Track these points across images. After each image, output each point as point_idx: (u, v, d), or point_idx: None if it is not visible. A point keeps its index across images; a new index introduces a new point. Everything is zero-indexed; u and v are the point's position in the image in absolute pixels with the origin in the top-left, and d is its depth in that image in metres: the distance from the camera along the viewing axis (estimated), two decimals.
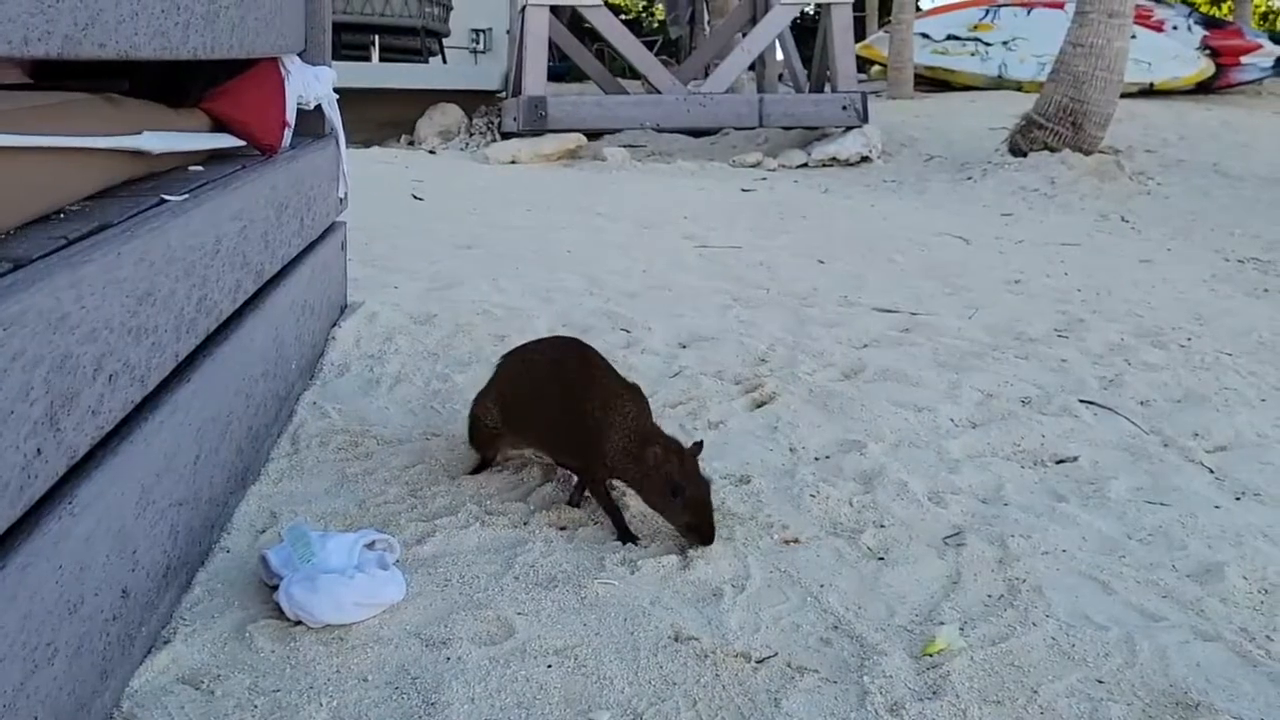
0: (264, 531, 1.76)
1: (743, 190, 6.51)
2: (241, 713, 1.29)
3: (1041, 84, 7.81)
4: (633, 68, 9.08)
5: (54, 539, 1.10)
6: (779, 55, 10.14)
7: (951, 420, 2.41)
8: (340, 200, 2.86)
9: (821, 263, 4.22)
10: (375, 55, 10.29)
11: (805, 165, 7.90)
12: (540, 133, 7.83)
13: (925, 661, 1.46)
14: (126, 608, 1.31)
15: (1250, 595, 1.69)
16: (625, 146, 7.97)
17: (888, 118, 9.19)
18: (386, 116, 9.32)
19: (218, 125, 2.14)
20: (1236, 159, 7.94)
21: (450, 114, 9.28)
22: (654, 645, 1.47)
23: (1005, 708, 1.36)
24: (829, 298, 3.56)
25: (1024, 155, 7.18)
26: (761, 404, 2.45)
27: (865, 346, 2.96)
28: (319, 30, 2.74)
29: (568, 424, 1.86)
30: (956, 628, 1.54)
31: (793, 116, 8.36)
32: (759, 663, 1.44)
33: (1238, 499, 2.07)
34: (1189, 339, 3.21)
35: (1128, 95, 8.27)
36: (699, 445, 1.81)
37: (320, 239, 2.64)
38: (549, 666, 1.41)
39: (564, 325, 2.98)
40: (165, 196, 1.64)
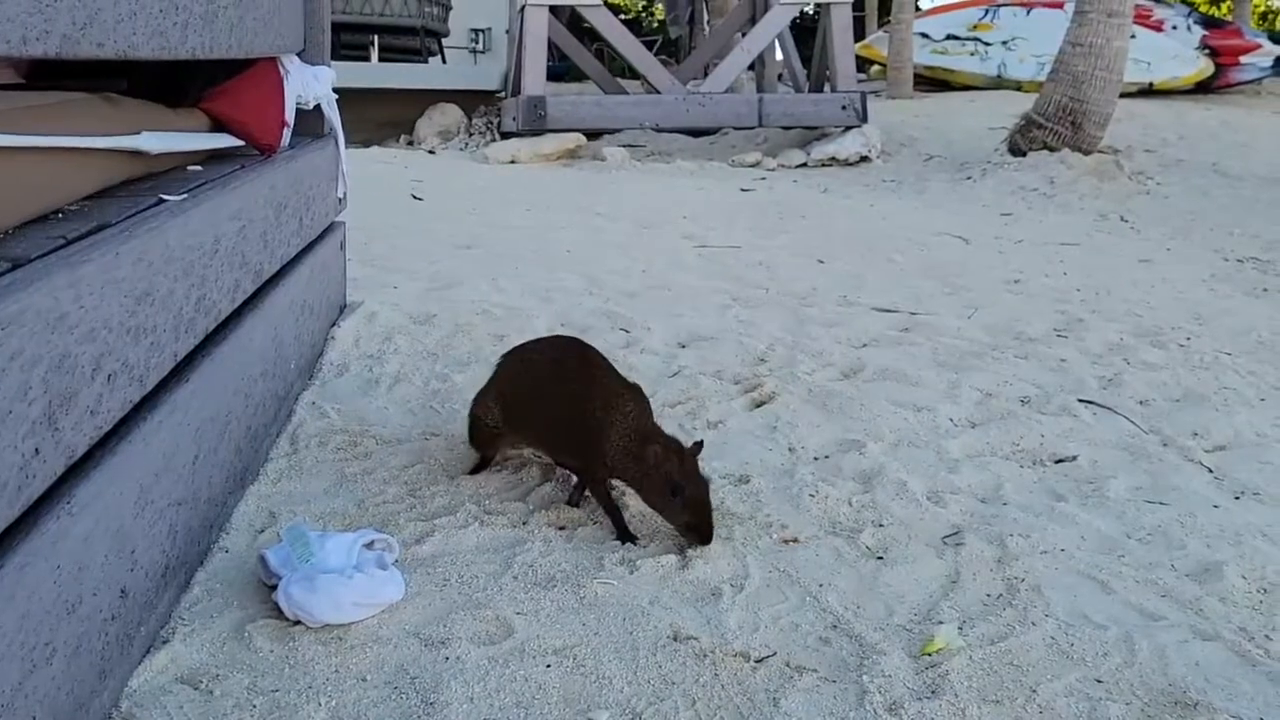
0: (263, 531, 1.76)
1: (742, 190, 6.51)
2: (240, 712, 1.29)
3: (1041, 84, 7.81)
4: (632, 68, 9.07)
5: (52, 539, 1.10)
6: (778, 55, 10.14)
7: (951, 420, 2.41)
8: (339, 200, 2.86)
9: (821, 262, 4.22)
10: (374, 55, 10.29)
11: (804, 165, 7.90)
12: (540, 132, 7.83)
13: (924, 661, 1.46)
14: (125, 607, 1.31)
15: (1249, 595, 1.69)
16: (625, 146, 7.97)
17: (887, 117, 9.19)
18: (386, 116, 9.32)
19: (216, 125, 2.14)
20: (1236, 159, 7.94)
21: (449, 114, 9.28)
22: (653, 645, 1.47)
23: (1004, 707, 1.37)
24: (828, 297, 3.56)
25: (1023, 155, 7.18)
26: (761, 404, 2.45)
27: (864, 346, 2.96)
28: (318, 30, 2.74)
29: (568, 423, 1.86)
30: (955, 627, 1.54)
31: (792, 116, 8.36)
32: (758, 662, 1.44)
33: (1237, 498, 2.07)
34: (1188, 338, 3.21)
35: (1127, 95, 8.28)
36: (699, 445, 1.81)
37: (319, 239, 2.64)
38: (548, 666, 1.41)
39: (563, 325, 2.98)
40: (164, 196, 1.64)
